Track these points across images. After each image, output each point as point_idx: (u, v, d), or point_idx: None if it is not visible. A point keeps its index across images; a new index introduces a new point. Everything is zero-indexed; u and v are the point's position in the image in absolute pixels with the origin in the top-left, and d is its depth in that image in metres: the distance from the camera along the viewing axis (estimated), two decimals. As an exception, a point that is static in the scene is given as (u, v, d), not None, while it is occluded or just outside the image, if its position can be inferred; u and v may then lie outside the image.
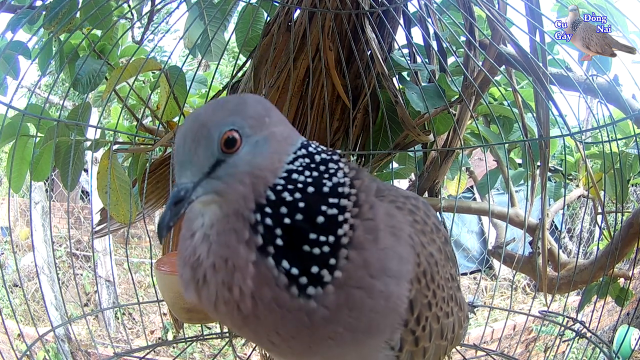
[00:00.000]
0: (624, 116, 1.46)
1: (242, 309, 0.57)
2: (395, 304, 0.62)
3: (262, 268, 0.56)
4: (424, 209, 0.72)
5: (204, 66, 4.86)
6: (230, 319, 0.59)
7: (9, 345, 1.58)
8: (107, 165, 1.34)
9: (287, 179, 0.59)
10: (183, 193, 0.56)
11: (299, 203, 0.57)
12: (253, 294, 0.56)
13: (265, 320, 0.57)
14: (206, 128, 0.56)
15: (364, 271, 0.58)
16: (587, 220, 5.31)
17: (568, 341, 1.42)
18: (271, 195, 0.58)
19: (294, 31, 1.46)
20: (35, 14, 1.44)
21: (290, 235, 0.56)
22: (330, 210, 0.58)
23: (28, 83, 4.69)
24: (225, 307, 0.57)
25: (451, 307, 0.75)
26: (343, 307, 0.57)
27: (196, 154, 0.56)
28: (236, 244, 0.56)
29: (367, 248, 0.59)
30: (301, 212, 0.57)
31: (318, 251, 0.56)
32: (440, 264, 0.71)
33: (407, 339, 0.66)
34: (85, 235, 6.30)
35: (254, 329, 0.59)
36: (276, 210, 0.57)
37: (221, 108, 0.60)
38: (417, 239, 0.66)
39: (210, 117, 0.58)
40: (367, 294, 0.58)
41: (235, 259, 0.56)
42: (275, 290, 0.56)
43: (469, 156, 2.47)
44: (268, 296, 0.56)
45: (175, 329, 1.81)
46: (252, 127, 0.58)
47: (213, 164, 0.57)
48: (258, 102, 0.62)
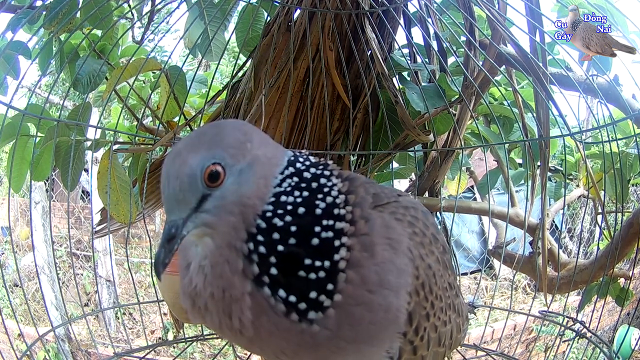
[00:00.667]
0: (624, 116, 1.46)
1: (245, 334, 0.58)
2: (394, 316, 0.62)
3: (258, 298, 0.56)
4: (423, 220, 0.72)
5: (204, 66, 4.87)
6: (236, 341, 0.62)
7: (9, 345, 1.58)
8: (107, 165, 1.34)
9: (276, 203, 0.58)
10: (174, 230, 0.56)
11: (290, 227, 0.57)
12: (254, 323, 0.57)
13: (269, 342, 0.59)
14: (187, 165, 0.55)
15: (362, 288, 0.58)
16: (587, 220, 5.32)
17: (568, 341, 1.42)
18: (261, 223, 0.57)
19: (294, 31, 1.46)
20: (35, 14, 1.44)
21: (285, 262, 0.56)
22: (324, 234, 0.57)
23: (28, 83, 4.69)
24: (230, 332, 0.59)
25: (449, 315, 0.76)
26: (344, 325, 0.58)
27: (181, 191, 0.56)
28: (230, 275, 0.56)
29: (364, 265, 0.58)
30: (294, 236, 0.56)
31: (314, 276, 0.56)
32: (438, 275, 0.71)
33: (405, 349, 0.66)
34: (85, 235, 6.30)
35: (260, 348, 0.62)
36: (268, 237, 0.56)
37: (199, 142, 0.58)
38: (415, 251, 0.66)
39: (190, 153, 0.56)
40: (366, 309, 0.59)
41: (231, 290, 0.56)
42: (274, 317, 0.56)
43: (469, 156, 2.47)
44: (267, 324, 0.56)
45: (175, 329, 1.81)
46: (234, 156, 0.57)
47: (199, 199, 0.56)
48: (236, 128, 0.61)
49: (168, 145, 1.51)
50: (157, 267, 0.56)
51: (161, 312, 1.61)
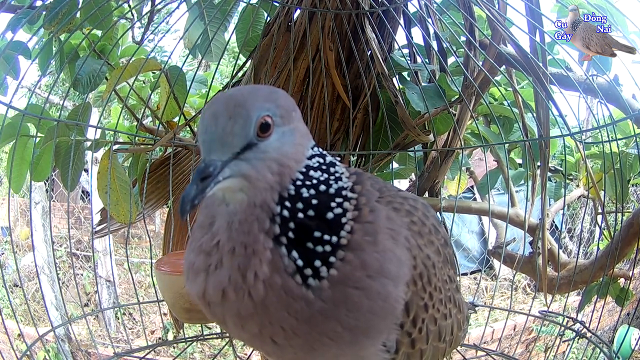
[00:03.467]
0: (624, 116, 1.46)
1: (253, 295, 0.58)
2: (392, 306, 0.62)
3: (276, 255, 0.58)
4: (423, 210, 0.72)
5: (204, 66, 4.86)
6: (237, 309, 0.59)
7: (9, 345, 1.58)
8: (107, 165, 1.34)
9: (305, 174, 0.61)
10: (211, 169, 0.54)
11: (312, 200, 0.60)
12: (265, 280, 0.57)
13: (272, 309, 0.58)
14: (244, 109, 0.56)
15: (362, 272, 0.59)
16: (587, 220, 5.31)
17: (568, 341, 1.42)
18: (292, 189, 0.60)
19: (294, 31, 1.46)
20: (35, 14, 1.44)
21: (300, 230, 0.59)
22: (337, 210, 0.61)
23: (28, 83, 4.69)
24: (235, 294, 0.58)
25: (449, 308, 0.75)
26: (341, 306, 0.59)
27: (231, 133, 0.56)
28: (257, 232, 0.58)
29: (366, 250, 0.60)
30: (313, 209, 0.59)
31: (321, 249, 0.59)
32: (438, 266, 0.70)
33: (403, 341, 0.66)
34: (85, 235, 6.30)
35: (260, 321, 0.59)
36: (293, 205, 0.59)
37: (257, 92, 0.61)
38: (413, 241, 0.66)
39: (248, 99, 0.58)
40: (365, 295, 0.59)
41: (255, 245, 0.58)
42: (285, 276, 0.58)
43: (469, 156, 2.47)
44: (278, 282, 0.57)
45: (175, 329, 1.81)
46: (282, 117, 0.60)
47: (244, 146, 0.56)
48: (287, 96, 0.64)
49: (168, 145, 1.51)
50: (184, 205, 0.52)
51: (161, 312, 1.61)
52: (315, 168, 0.63)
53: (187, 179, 1.58)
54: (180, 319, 1.28)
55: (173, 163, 1.56)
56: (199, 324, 1.54)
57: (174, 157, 1.60)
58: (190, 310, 1.11)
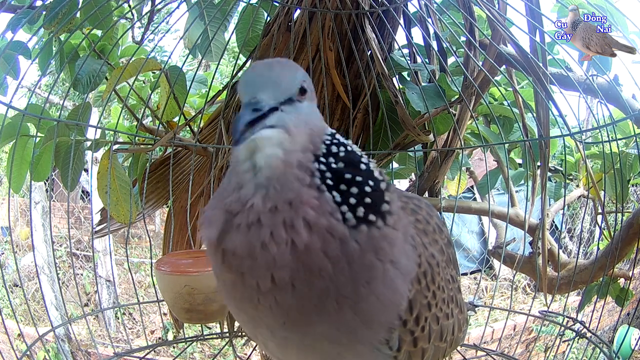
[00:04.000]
0: (624, 116, 1.46)
1: (297, 241, 0.58)
2: (398, 300, 0.63)
3: (322, 200, 0.60)
4: (427, 210, 0.73)
5: (204, 66, 4.86)
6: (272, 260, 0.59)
7: (9, 345, 1.58)
8: (107, 165, 1.34)
9: (332, 138, 0.66)
10: (263, 105, 0.57)
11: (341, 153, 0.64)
12: (313, 225, 0.59)
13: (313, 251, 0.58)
14: (293, 67, 0.64)
15: (389, 248, 0.61)
16: (587, 220, 5.32)
17: (568, 341, 1.42)
18: (324, 148, 0.64)
19: (294, 31, 1.46)
20: (35, 14, 1.44)
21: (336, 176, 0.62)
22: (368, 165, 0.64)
23: (28, 83, 4.69)
24: (277, 246, 0.58)
25: (451, 308, 0.75)
26: (364, 268, 0.60)
27: (284, 79, 0.61)
28: (300, 188, 0.60)
29: (396, 229, 0.62)
30: (343, 161, 0.63)
31: (356, 190, 0.61)
32: (442, 265, 0.71)
33: (405, 339, 0.66)
34: (85, 235, 6.30)
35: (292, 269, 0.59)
36: (327, 159, 0.63)
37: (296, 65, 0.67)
38: (418, 239, 0.66)
39: (293, 65, 0.65)
40: (382, 275, 0.61)
41: (302, 197, 0.60)
42: (329, 218, 0.60)
43: (469, 156, 2.47)
44: (324, 224, 0.59)
45: (175, 329, 1.81)
46: (312, 93, 0.66)
47: (287, 98, 0.61)
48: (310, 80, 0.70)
49: (168, 145, 1.51)
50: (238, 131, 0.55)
51: (161, 312, 1.61)
52: (337, 144, 0.66)
53: (187, 178, 1.58)
54: (180, 319, 1.28)
55: (173, 163, 1.56)
56: (199, 324, 1.54)
57: (174, 157, 1.60)
58: (190, 310, 1.11)
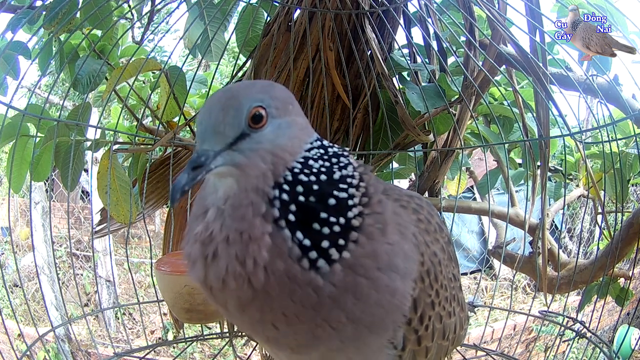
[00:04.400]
0: (624, 116, 1.46)
1: (254, 282, 0.56)
2: (399, 301, 0.62)
3: (277, 239, 0.56)
4: (428, 209, 0.73)
5: (204, 66, 4.87)
6: (238, 296, 0.58)
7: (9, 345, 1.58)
8: (107, 165, 1.34)
9: (304, 164, 0.61)
10: (203, 159, 0.56)
11: (313, 185, 0.59)
12: (266, 266, 0.56)
13: (274, 296, 0.57)
14: (237, 100, 0.58)
15: (372, 262, 0.59)
16: (587, 220, 5.31)
17: (568, 341, 1.42)
18: (289, 175, 0.59)
19: (294, 31, 1.46)
20: (35, 14, 1.44)
21: (303, 212, 0.58)
22: (341, 194, 0.60)
23: (28, 83, 4.70)
24: (235, 282, 0.57)
25: (453, 307, 0.75)
26: (349, 293, 0.58)
27: (223, 122, 0.57)
28: (252, 217, 0.57)
29: (376, 239, 0.60)
30: (314, 195, 0.59)
31: (328, 230, 0.57)
32: (444, 264, 0.71)
33: (409, 338, 0.66)
34: (85, 235, 6.30)
35: (261, 307, 0.58)
36: (292, 188, 0.59)
37: (251, 85, 0.62)
38: (421, 238, 0.66)
39: (241, 91, 0.60)
40: (373, 286, 0.59)
41: (251, 230, 0.56)
42: (288, 261, 0.56)
43: (469, 156, 2.47)
44: (281, 268, 0.56)
45: (175, 329, 1.81)
46: (278, 109, 0.60)
47: (237, 136, 0.58)
48: (284, 90, 0.65)
49: (168, 145, 1.51)
50: (175, 192, 0.54)
51: (161, 312, 1.61)
52: (316, 159, 0.62)
53: (187, 179, 1.58)
54: (180, 319, 1.28)
55: (173, 163, 1.56)
56: (199, 324, 1.54)
57: (174, 157, 1.60)
58: (190, 310, 1.11)
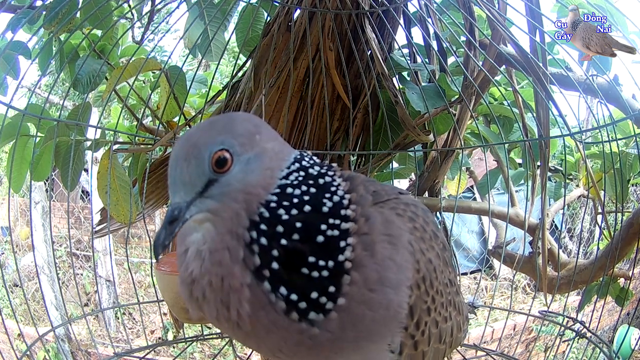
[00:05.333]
0: (624, 116, 1.46)
1: (242, 327, 0.57)
2: (395, 312, 0.62)
3: (257, 292, 0.55)
4: (423, 216, 0.72)
5: (204, 66, 4.87)
6: (233, 334, 0.60)
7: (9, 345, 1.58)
8: (107, 165, 1.34)
9: (281, 194, 0.58)
10: (177, 212, 0.56)
11: (295, 222, 0.56)
12: (250, 317, 0.55)
13: (266, 339, 0.58)
14: (197, 148, 0.57)
15: (364, 288, 0.58)
16: (587, 220, 5.31)
17: (568, 341, 1.42)
18: (265, 212, 0.57)
19: (294, 31, 1.46)
20: (35, 14, 1.44)
21: (287, 257, 0.55)
22: (330, 232, 0.56)
23: (28, 83, 4.69)
24: (227, 324, 0.57)
25: (449, 311, 0.76)
26: (347, 326, 0.57)
27: (188, 173, 0.57)
28: (230, 264, 0.55)
29: (366, 264, 0.58)
30: (298, 232, 0.55)
31: (317, 275, 0.55)
32: (439, 270, 0.71)
33: (406, 343, 0.66)
34: (85, 235, 6.30)
35: (257, 344, 0.60)
36: (271, 229, 0.55)
37: (210, 128, 0.60)
38: (416, 245, 0.66)
39: (200, 138, 0.58)
40: (367, 308, 0.58)
41: (230, 279, 0.55)
42: (273, 315, 0.55)
43: (469, 156, 2.47)
44: (265, 320, 0.55)
45: (175, 329, 1.81)
46: (243, 145, 0.58)
47: (205, 184, 0.57)
48: (247, 120, 0.62)
49: (168, 145, 1.51)
50: (156, 248, 0.56)
51: (161, 312, 1.61)
52: (295, 185, 0.58)
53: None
54: (180, 319, 1.28)
55: (173, 163, 1.56)
56: (199, 324, 1.54)
57: (174, 157, 1.60)
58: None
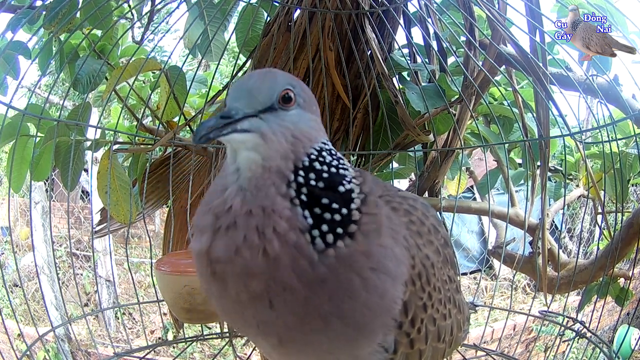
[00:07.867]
0: (624, 116, 1.46)
1: (269, 250, 0.59)
2: (388, 305, 0.63)
3: (293, 213, 0.61)
4: (422, 210, 0.72)
5: (204, 66, 4.86)
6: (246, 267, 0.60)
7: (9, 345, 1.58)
8: (107, 165, 1.34)
9: (319, 154, 0.66)
10: (233, 113, 0.60)
11: (324, 174, 0.64)
12: (282, 236, 0.60)
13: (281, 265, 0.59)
14: (274, 75, 0.65)
15: (364, 260, 0.61)
16: (587, 220, 5.32)
17: (568, 341, 1.42)
18: (306, 161, 0.64)
19: (294, 31, 1.46)
20: (35, 14, 1.44)
21: (311, 195, 0.62)
22: (347, 186, 0.65)
23: (28, 83, 4.70)
24: (250, 251, 0.60)
25: (449, 309, 0.75)
26: (340, 286, 0.60)
27: (259, 89, 0.63)
28: (275, 195, 0.62)
29: (371, 237, 0.62)
30: (324, 182, 0.64)
31: (329, 216, 0.61)
32: (437, 266, 0.71)
33: (401, 341, 0.66)
34: (85, 235, 6.30)
35: (266, 278, 0.60)
36: (306, 174, 0.63)
37: (287, 73, 0.69)
38: (412, 241, 0.66)
39: (279, 72, 0.67)
40: (363, 285, 0.60)
41: (274, 206, 0.61)
42: (298, 234, 0.60)
43: (469, 156, 2.47)
44: (293, 239, 0.60)
45: (175, 329, 1.81)
46: (305, 102, 0.67)
47: (267, 107, 0.63)
48: (311, 93, 0.71)
49: (168, 145, 1.51)
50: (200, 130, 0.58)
51: (161, 312, 1.61)
52: (327, 153, 0.67)
53: (187, 178, 1.58)
54: (180, 319, 1.28)
55: (173, 163, 1.56)
56: (199, 324, 1.54)
57: (174, 157, 1.60)
58: (190, 311, 1.11)
